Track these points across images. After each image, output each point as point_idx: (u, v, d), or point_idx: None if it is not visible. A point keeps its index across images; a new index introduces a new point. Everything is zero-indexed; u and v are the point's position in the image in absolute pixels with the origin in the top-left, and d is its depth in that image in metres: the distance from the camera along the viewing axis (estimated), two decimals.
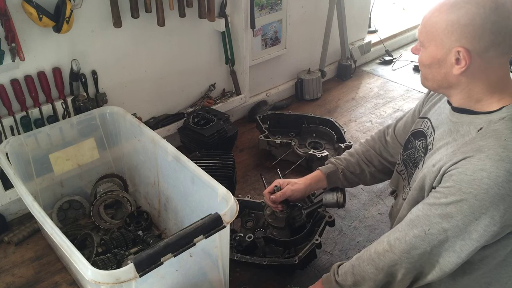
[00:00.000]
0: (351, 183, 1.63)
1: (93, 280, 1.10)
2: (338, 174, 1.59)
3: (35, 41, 1.69)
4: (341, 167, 1.59)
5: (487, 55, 1.08)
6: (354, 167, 1.60)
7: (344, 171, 1.59)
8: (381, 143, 1.61)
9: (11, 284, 1.64)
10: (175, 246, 1.19)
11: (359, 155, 1.62)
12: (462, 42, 1.07)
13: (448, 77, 1.14)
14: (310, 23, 2.76)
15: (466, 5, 1.06)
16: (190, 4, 1.99)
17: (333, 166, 1.60)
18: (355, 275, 1.24)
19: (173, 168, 1.63)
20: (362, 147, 1.64)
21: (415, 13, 3.78)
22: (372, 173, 1.60)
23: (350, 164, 1.60)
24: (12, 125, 1.74)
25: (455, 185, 1.07)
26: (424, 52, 1.17)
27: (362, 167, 1.60)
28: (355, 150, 1.64)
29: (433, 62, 1.15)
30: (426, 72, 1.20)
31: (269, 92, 2.74)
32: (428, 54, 1.15)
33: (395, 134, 1.58)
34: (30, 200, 1.36)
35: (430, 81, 1.20)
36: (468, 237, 1.07)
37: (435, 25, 1.11)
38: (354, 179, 1.61)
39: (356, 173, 1.60)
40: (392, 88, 3.00)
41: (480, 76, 1.12)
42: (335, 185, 1.62)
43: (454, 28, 1.07)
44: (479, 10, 1.04)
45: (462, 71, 1.10)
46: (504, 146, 1.04)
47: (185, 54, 2.21)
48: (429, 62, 1.16)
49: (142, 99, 2.15)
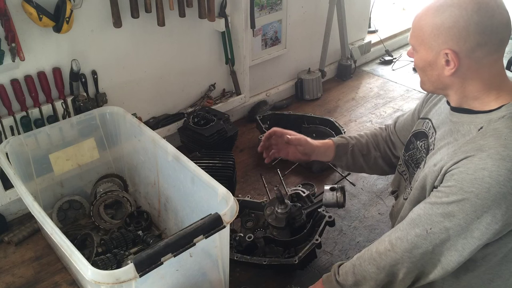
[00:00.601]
0: (355, 163, 1.62)
1: (93, 280, 1.10)
2: (347, 149, 1.59)
3: (35, 41, 1.69)
4: (352, 142, 1.60)
5: (475, 55, 1.09)
6: (362, 147, 1.61)
7: (354, 147, 1.60)
8: (387, 133, 1.63)
9: (11, 284, 1.64)
10: (175, 246, 1.18)
11: (368, 137, 1.63)
12: (449, 44, 1.09)
13: (441, 78, 1.16)
14: (310, 23, 2.76)
15: (449, 8, 1.08)
16: (190, 4, 1.99)
17: (345, 140, 1.61)
18: (356, 275, 1.24)
19: (173, 168, 1.63)
20: (371, 131, 1.66)
21: (415, 13, 3.78)
22: (376, 159, 1.61)
23: (359, 143, 1.61)
24: (12, 125, 1.74)
25: (457, 184, 1.07)
26: (416, 56, 1.20)
27: (369, 149, 1.61)
28: (364, 133, 1.66)
29: (426, 65, 1.17)
30: (422, 75, 1.22)
31: (269, 92, 2.74)
32: (419, 57, 1.18)
33: (396, 131, 1.59)
34: (30, 200, 1.36)
35: (426, 84, 1.23)
36: (470, 235, 1.08)
37: (422, 29, 1.14)
38: (359, 160, 1.61)
39: (363, 153, 1.60)
40: (392, 88, 3.00)
41: (472, 75, 1.13)
42: (342, 159, 1.61)
43: (440, 31, 1.10)
44: (462, 12, 1.06)
45: (453, 72, 1.12)
46: (505, 145, 1.04)
47: (185, 54, 2.21)
48: (422, 65, 1.19)
49: (142, 99, 2.15)
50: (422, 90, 1.27)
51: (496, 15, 1.06)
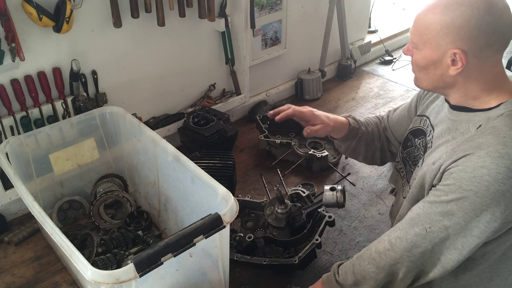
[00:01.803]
0: (356, 149, 1.62)
1: (93, 280, 1.10)
2: (357, 135, 1.58)
3: (35, 41, 1.69)
4: (362, 129, 1.59)
5: (482, 55, 1.09)
6: (368, 136, 1.60)
7: (363, 134, 1.59)
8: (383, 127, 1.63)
9: (11, 284, 1.64)
10: (175, 246, 1.18)
11: (373, 126, 1.62)
12: (458, 44, 1.08)
13: (444, 77, 1.15)
14: (310, 23, 2.76)
15: (460, 7, 1.07)
16: (190, 4, 1.99)
17: (357, 124, 1.59)
18: (355, 275, 1.24)
19: (173, 168, 1.63)
20: (374, 121, 1.64)
21: (415, 13, 3.78)
22: (375, 150, 1.61)
23: (367, 131, 1.60)
24: (12, 125, 1.74)
25: (456, 183, 1.07)
26: (418, 54, 1.17)
27: (374, 139, 1.60)
28: (369, 120, 1.64)
29: (428, 63, 1.15)
30: (420, 74, 1.20)
31: (269, 92, 2.74)
32: (422, 56, 1.16)
33: (389, 124, 1.60)
34: (30, 200, 1.36)
35: (425, 82, 1.21)
36: (469, 234, 1.08)
37: (429, 27, 1.12)
38: (362, 148, 1.61)
39: (367, 142, 1.60)
40: (392, 88, 3.00)
41: (476, 75, 1.13)
42: (347, 142, 1.60)
43: (449, 30, 1.08)
44: (473, 11, 1.05)
45: (458, 72, 1.11)
46: (504, 143, 1.05)
47: (185, 54, 2.21)
48: (424, 64, 1.17)
49: (142, 99, 2.15)
50: (417, 87, 1.27)
51: (504, 15, 1.06)
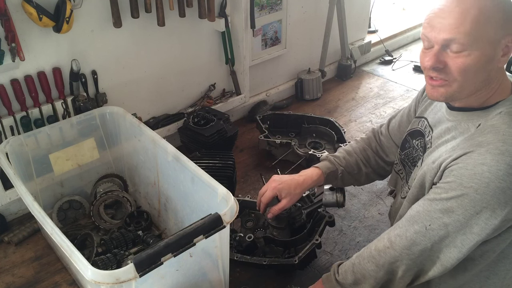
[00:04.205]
0: (345, 183, 1.61)
1: (93, 280, 1.10)
2: (337, 175, 1.56)
3: (35, 41, 1.69)
4: (341, 168, 1.56)
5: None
6: (352, 168, 1.57)
7: (344, 172, 1.56)
8: (377, 142, 1.60)
9: (11, 284, 1.64)
10: (175, 246, 1.18)
11: (357, 154, 1.59)
12: (509, 30, 1.05)
13: (492, 73, 1.09)
14: (310, 23, 2.76)
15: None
16: (190, 4, 1.99)
17: (333, 166, 1.56)
18: (355, 273, 1.24)
19: (173, 168, 1.63)
20: (359, 145, 1.61)
21: (415, 13, 3.78)
22: (368, 174, 1.59)
23: (349, 165, 1.57)
24: (12, 125, 1.74)
25: (456, 180, 1.07)
26: (467, 58, 1.05)
27: (360, 167, 1.58)
28: (352, 148, 1.61)
29: (485, 62, 1.06)
30: (468, 78, 1.08)
31: (269, 92, 2.74)
32: (475, 56, 1.05)
33: (389, 133, 1.57)
34: (30, 200, 1.36)
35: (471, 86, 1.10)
36: (469, 231, 1.07)
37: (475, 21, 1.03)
38: (350, 180, 1.60)
39: (354, 173, 1.58)
40: (392, 88, 3.00)
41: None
42: (331, 183, 1.60)
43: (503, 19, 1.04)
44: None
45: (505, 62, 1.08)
46: (504, 140, 1.05)
47: (185, 54, 2.21)
48: (480, 65, 1.06)
49: (142, 99, 2.15)
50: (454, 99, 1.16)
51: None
